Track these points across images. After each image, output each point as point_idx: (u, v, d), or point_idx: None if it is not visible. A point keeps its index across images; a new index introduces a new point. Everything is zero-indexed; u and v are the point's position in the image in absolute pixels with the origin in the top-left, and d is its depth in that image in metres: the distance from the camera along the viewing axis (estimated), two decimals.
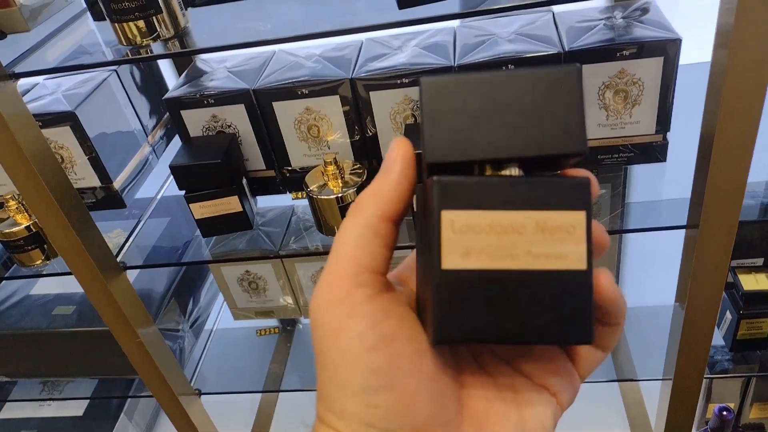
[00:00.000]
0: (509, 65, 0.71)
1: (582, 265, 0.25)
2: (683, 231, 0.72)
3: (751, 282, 0.83)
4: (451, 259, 0.25)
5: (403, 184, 0.27)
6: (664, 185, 0.81)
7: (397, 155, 0.27)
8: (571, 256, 0.25)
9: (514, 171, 0.26)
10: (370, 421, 0.25)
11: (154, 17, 0.60)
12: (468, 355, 0.30)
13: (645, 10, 0.75)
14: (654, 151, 0.77)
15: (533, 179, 0.25)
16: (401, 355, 0.26)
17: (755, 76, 0.57)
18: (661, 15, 0.74)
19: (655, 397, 0.94)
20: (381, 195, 0.27)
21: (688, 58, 0.74)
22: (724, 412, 0.94)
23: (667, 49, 0.68)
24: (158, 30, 0.61)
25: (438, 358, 0.27)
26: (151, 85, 0.99)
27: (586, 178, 0.25)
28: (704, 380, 0.86)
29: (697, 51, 0.74)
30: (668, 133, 0.75)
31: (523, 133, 0.25)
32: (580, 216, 0.25)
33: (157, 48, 0.64)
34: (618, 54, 0.69)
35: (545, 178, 0.26)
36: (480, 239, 0.25)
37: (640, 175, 0.83)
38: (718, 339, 0.92)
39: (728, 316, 0.88)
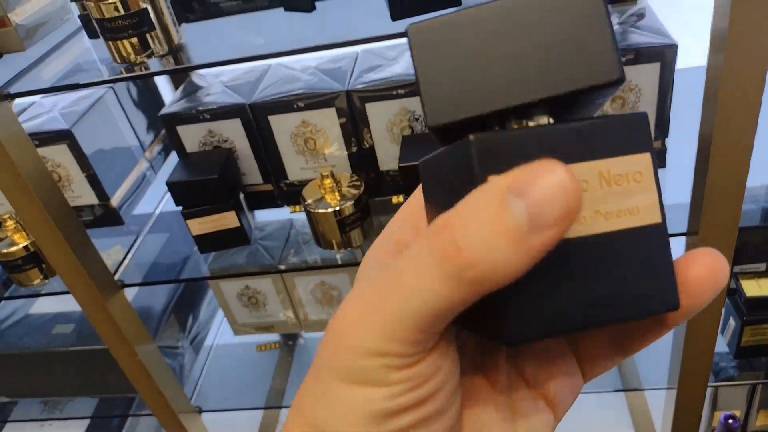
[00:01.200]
0: None
1: (656, 217, 0.21)
2: (683, 238, 0.71)
3: (753, 288, 0.82)
4: None
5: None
6: (664, 191, 0.80)
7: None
8: (643, 209, 0.21)
9: (543, 119, 0.21)
10: None
11: (147, 34, 0.60)
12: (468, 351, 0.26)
13: (641, 16, 0.75)
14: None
15: (585, 123, 0.21)
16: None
17: (751, 79, 0.56)
18: (657, 20, 0.74)
19: (660, 405, 0.93)
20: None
21: (685, 62, 0.74)
22: (730, 420, 0.93)
23: (664, 54, 0.68)
24: (152, 47, 0.61)
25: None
26: (148, 100, 0.99)
27: (643, 113, 0.21)
28: (709, 388, 0.85)
29: (695, 54, 0.74)
30: (666, 138, 0.75)
31: (544, 70, 0.21)
32: (645, 158, 0.21)
33: (152, 64, 0.64)
34: None
35: (597, 120, 0.21)
36: None
37: None
38: (722, 346, 0.91)
39: (732, 322, 0.88)
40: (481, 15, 0.21)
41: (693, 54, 0.77)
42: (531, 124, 0.21)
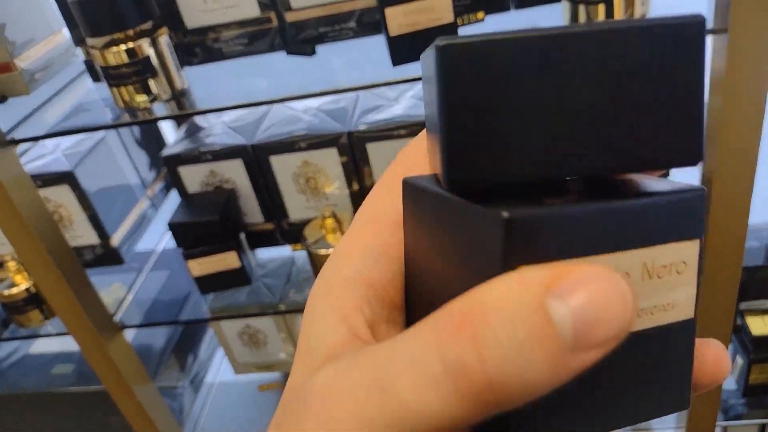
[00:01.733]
0: None
1: (690, 312, 0.18)
2: None
3: (759, 325, 0.82)
4: None
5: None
6: None
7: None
8: (679, 305, 0.18)
9: (576, 188, 0.18)
10: None
11: (150, 80, 0.61)
12: None
13: None
14: None
15: (635, 203, 0.16)
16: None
17: (750, 119, 0.57)
18: None
19: None
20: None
21: None
22: None
23: None
24: (155, 92, 0.62)
25: None
26: (150, 139, 1.00)
27: (701, 189, 0.17)
28: (718, 427, 0.84)
29: None
30: (668, 177, 0.75)
31: (603, 138, 0.16)
32: (693, 246, 0.17)
33: (156, 108, 0.64)
34: None
35: (649, 199, 0.16)
36: None
37: None
38: (730, 383, 0.90)
39: (739, 360, 0.87)
40: (542, 41, 0.15)
41: None
42: (569, 198, 0.17)
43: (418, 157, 0.22)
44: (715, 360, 0.19)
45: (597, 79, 0.15)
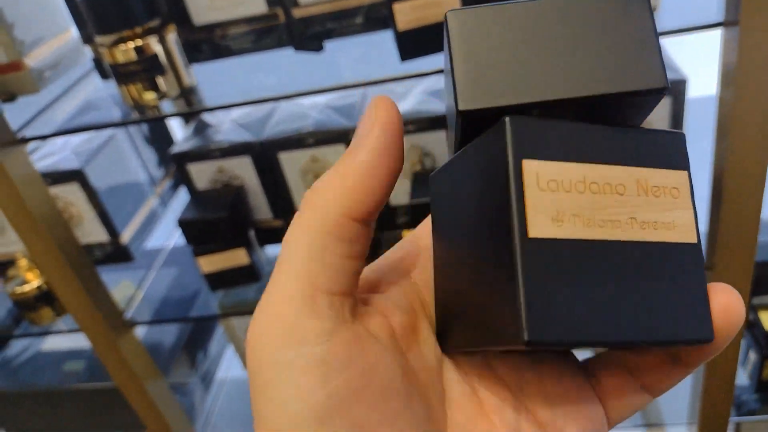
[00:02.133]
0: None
1: (692, 237, 0.20)
2: None
3: None
4: (540, 225, 0.18)
5: (380, 165, 0.19)
6: None
7: (375, 122, 0.19)
8: (681, 226, 0.20)
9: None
10: None
11: (159, 78, 0.61)
12: (462, 380, 0.23)
13: None
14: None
15: (626, 129, 0.20)
16: (362, 424, 0.18)
17: (762, 112, 0.56)
18: (666, 53, 0.74)
19: None
20: (345, 184, 0.19)
21: (696, 92, 0.74)
22: None
23: (674, 89, 0.68)
24: (163, 90, 0.62)
25: (421, 413, 0.20)
26: (159, 136, 1.00)
27: (682, 133, 0.21)
28: (732, 422, 0.83)
29: (705, 84, 0.74)
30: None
31: (585, 71, 0.19)
32: (683, 177, 0.20)
33: (164, 105, 0.64)
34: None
35: (637, 129, 0.20)
36: (573, 199, 0.19)
37: None
38: (742, 379, 0.90)
39: (751, 355, 0.86)
40: (524, 9, 0.20)
41: (703, 83, 0.77)
42: (590, 124, 0.20)
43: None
44: (725, 306, 0.19)
45: (566, 30, 0.20)
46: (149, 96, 0.61)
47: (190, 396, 1.04)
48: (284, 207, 0.83)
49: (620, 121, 0.21)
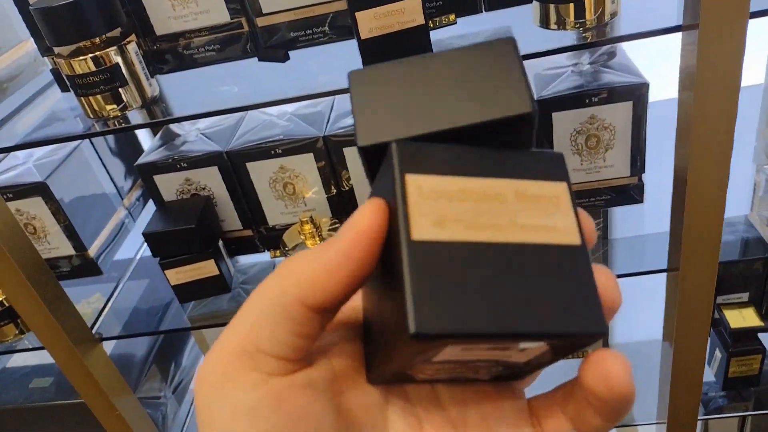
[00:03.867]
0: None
1: (575, 239, 0.21)
2: (665, 274, 0.71)
3: (737, 319, 0.82)
4: (423, 227, 0.20)
5: (343, 268, 0.20)
6: (644, 225, 0.80)
7: (353, 226, 0.20)
8: (562, 229, 0.21)
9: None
10: None
11: (120, 89, 0.60)
12: (409, 413, 0.24)
13: (611, 54, 0.76)
14: (630, 193, 0.77)
15: (507, 150, 0.22)
16: None
17: (722, 114, 0.57)
18: (627, 58, 0.75)
19: None
20: (306, 274, 0.21)
21: (656, 95, 0.75)
22: None
23: (636, 93, 0.69)
24: (125, 101, 0.61)
25: None
26: (125, 147, 0.98)
27: (561, 153, 0.23)
28: (699, 421, 0.84)
29: (667, 87, 0.75)
30: (643, 174, 0.76)
31: (463, 105, 0.22)
32: (562, 187, 0.22)
33: (129, 115, 0.63)
34: (587, 100, 0.70)
35: (521, 151, 0.22)
36: (454, 206, 0.21)
37: (620, 217, 0.83)
38: (709, 376, 0.91)
39: (718, 353, 0.87)
40: (413, 64, 0.23)
41: (665, 87, 0.78)
42: (469, 147, 0.22)
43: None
44: (604, 284, 0.21)
45: (449, 76, 0.23)
46: (110, 107, 0.60)
47: (162, 409, 1.03)
48: (253, 217, 0.83)
49: (508, 145, 0.23)
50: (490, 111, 0.22)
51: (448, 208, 0.20)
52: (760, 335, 0.84)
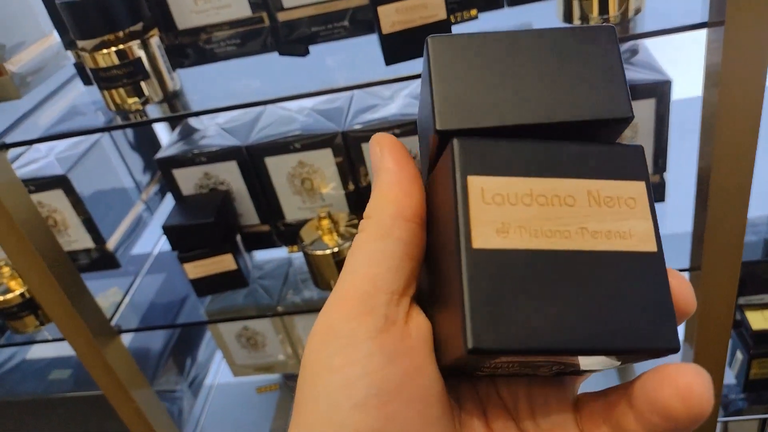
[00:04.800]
0: None
1: (652, 246, 0.20)
2: (687, 273, 0.71)
3: (759, 320, 0.81)
4: (485, 236, 0.19)
5: (405, 171, 0.22)
6: (664, 225, 0.79)
7: (382, 148, 0.22)
8: (637, 235, 0.20)
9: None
10: None
11: (142, 82, 0.60)
12: (477, 410, 0.24)
13: (634, 52, 0.76)
14: (653, 192, 0.76)
15: (579, 144, 0.20)
16: (395, 419, 0.19)
17: (747, 112, 0.56)
18: (650, 55, 0.74)
19: None
20: (385, 195, 0.21)
21: (680, 93, 0.74)
22: None
23: (659, 90, 0.68)
24: (147, 94, 0.61)
25: (445, 424, 0.21)
26: (144, 141, 0.99)
27: (640, 145, 0.21)
28: (719, 423, 0.83)
29: (690, 85, 0.74)
30: (665, 172, 0.75)
31: (556, 98, 0.20)
32: (639, 187, 0.20)
33: (148, 110, 0.64)
34: None
35: (593, 144, 0.21)
36: (519, 212, 0.19)
37: None
38: (730, 378, 0.90)
39: (739, 355, 0.86)
40: (500, 38, 0.21)
41: (688, 85, 0.77)
42: (541, 141, 0.21)
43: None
44: (678, 289, 0.20)
45: (540, 60, 0.21)
46: (132, 101, 0.60)
47: (178, 403, 1.03)
48: (271, 212, 0.83)
49: (588, 139, 0.21)
50: (586, 110, 0.20)
51: (513, 213, 0.19)
52: None
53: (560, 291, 0.19)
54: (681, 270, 0.70)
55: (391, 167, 0.22)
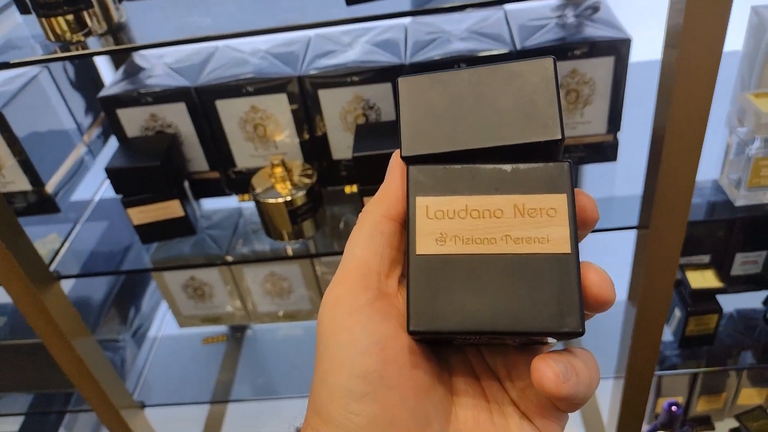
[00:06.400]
0: (461, 63, 0.69)
1: (566, 248, 0.24)
2: (635, 231, 0.72)
3: (698, 279, 0.84)
4: (425, 244, 0.25)
5: (403, 182, 0.27)
6: (616, 184, 0.81)
7: (396, 161, 0.28)
8: (554, 240, 0.24)
9: (503, 165, 0.26)
10: (349, 429, 0.24)
11: (84, 11, 0.56)
12: (464, 366, 0.29)
13: (595, 9, 0.75)
14: (605, 151, 0.77)
15: (509, 166, 0.25)
16: (392, 362, 0.25)
17: (704, 75, 0.57)
18: (611, 14, 0.74)
19: (608, 394, 0.95)
20: (383, 196, 0.28)
21: (638, 56, 0.74)
22: (674, 407, 0.96)
23: (618, 48, 0.68)
24: (90, 25, 0.57)
25: (431, 371, 0.27)
26: (86, 80, 0.94)
27: (567, 162, 0.25)
28: (655, 376, 0.87)
29: (649, 48, 0.75)
30: (619, 132, 0.75)
31: (498, 124, 0.25)
32: (560, 199, 0.24)
33: (90, 43, 0.60)
34: (569, 53, 0.69)
35: (523, 165, 0.25)
36: (455, 224, 0.25)
37: (593, 175, 0.83)
38: (667, 335, 0.94)
39: (677, 313, 0.90)
40: (456, 77, 0.25)
41: (647, 47, 0.77)
42: (482, 164, 0.25)
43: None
44: (596, 282, 0.24)
45: (489, 94, 0.25)
46: (73, 31, 0.56)
47: (121, 353, 1.01)
48: (221, 158, 0.80)
49: (534, 158, 0.25)
50: (523, 134, 0.25)
51: (450, 225, 0.25)
52: (718, 297, 0.87)
53: (485, 286, 0.24)
54: (629, 228, 0.71)
55: (393, 178, 0.27)
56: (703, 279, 0.84)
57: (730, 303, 0.95)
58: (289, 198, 0.72)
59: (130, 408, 0.93)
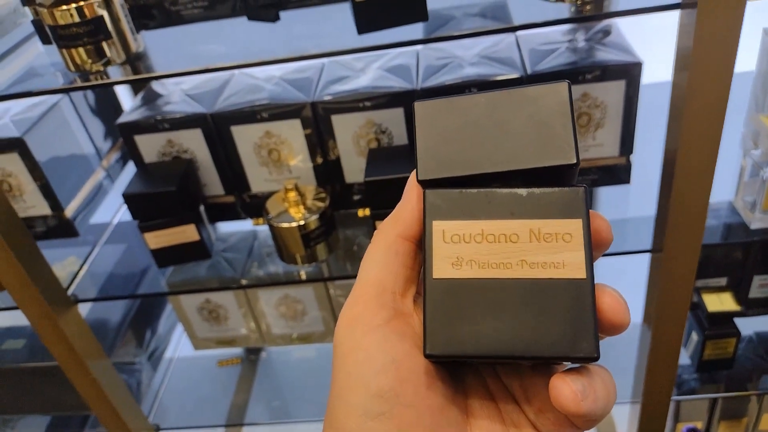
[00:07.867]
0: (473, 88, 0.70)
1: (581, 273, 0.24)
2: (648, 255, 0.72)
3: (715, 303, 0.83)
4: (442, 268, 0.25)
5: (419, 204, 0.27)
6: (629, 207, 0.80)
7: (412, 182, 0.28)
8: (569, 265, 0.24)
9: (519, 188, 0.26)
10: None
11: (103, 42, 0.58)
12: (480, 387, 0.29)
13: (606, 32, 0.76)
14: (618, 173, 0.77)
15: (525, 190, 0.25)
16: (408, 380, 0.25)
17: (715, 97, 0.57)
18: (623, 37, 0.74)
19: (625, 419, 0.94)
20: (398, 216, 0.28)
21: (650, 78, 0.74)
22: None
23: (629, 72, 0.68)
24: (108, 55, 0.59)
25: (446, 390, 0.27)
26: (106, 106, 0.96)
27: (582, 186, 0.25)
28: (672, 401, 0.85)
29: (660, 70, 0.75)
30: (632, 155, 0.75)
31: (513, 149, 0.25)
32: (576, 224, 0.24)
33: (110, 71, 0.61)
34: (581, 77, 0.69)
35: (538, 189, 0.25)
36: (471, 248, 0.25)
37: (606, 197, 0.83)
38: (684, 359, 0.92)
39: (694, 336, 0.88)
40: (472, 101, 0.26)
41: (658, 69, 0.78)
42: (498, 188, 0.25)
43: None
44: (610, 306, 0.24)
45: (505, 117, 0.25)
46: (93, 61, 0.58)
47: (137, 375, 1.02)
48: (236, 182, 0.81)
49: (547, 184, 0.26)
50: (538, 158, 0.25)
51: (466, 249, 0.25)
52: (736, 320, 0.85)
53: (500, 310, 0.24)
54: (642, 252, 0.71)
55: (409, 198, 0.28)
56: (720, 302, 0.83)
57: (749, 326, 0.93)
58: (302, 222, 0.72)
59: (145, 431, 0.94)
